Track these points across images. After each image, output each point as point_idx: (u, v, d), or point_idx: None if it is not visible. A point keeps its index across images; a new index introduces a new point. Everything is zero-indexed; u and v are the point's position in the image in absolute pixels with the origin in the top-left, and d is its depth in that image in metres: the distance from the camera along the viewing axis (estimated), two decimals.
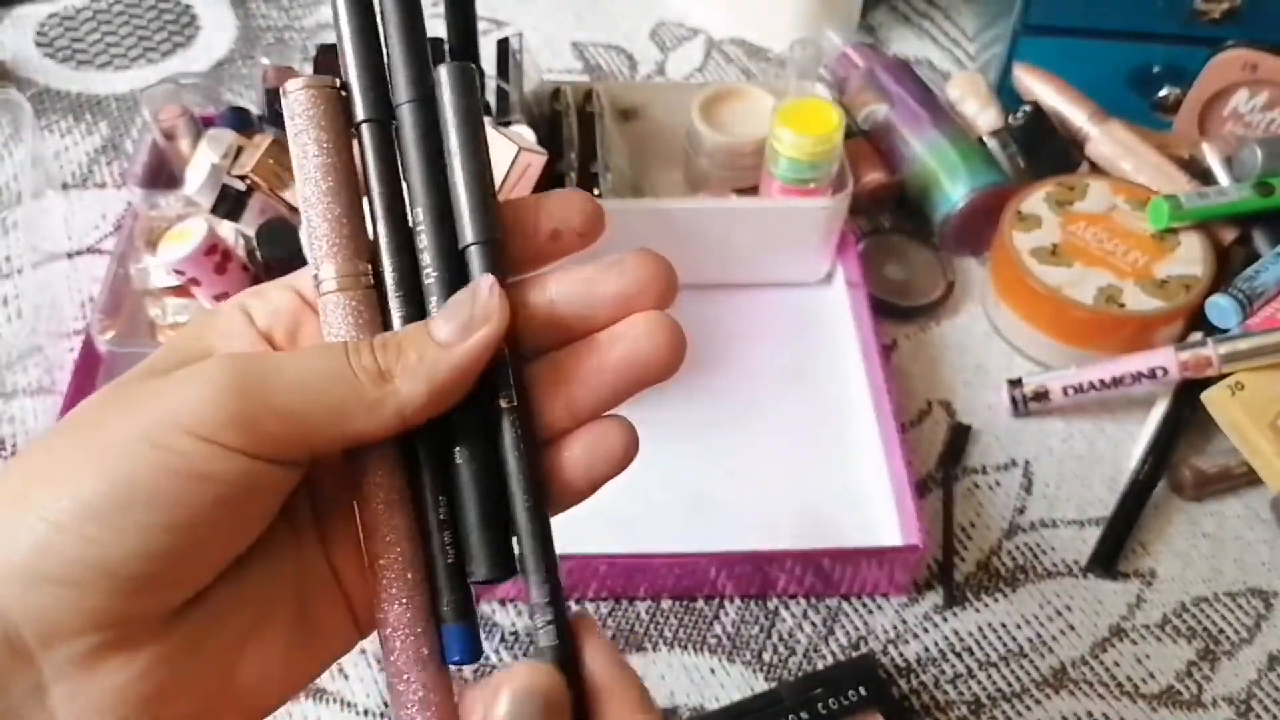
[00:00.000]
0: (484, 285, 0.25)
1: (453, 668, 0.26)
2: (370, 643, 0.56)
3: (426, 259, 0.26)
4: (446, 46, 0.79)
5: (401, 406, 0.24)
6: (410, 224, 0.26)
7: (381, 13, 0.26)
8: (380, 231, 0.26)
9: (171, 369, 0.24)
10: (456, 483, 0.26)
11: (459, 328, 0.24)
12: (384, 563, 0.25)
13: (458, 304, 0.25)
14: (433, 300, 0.26)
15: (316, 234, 0.26)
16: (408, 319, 0.26)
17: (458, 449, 0.26)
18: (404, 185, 0.26)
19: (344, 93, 0.26)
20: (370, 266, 0.26)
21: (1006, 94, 0.82)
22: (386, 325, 0.26)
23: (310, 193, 0.26)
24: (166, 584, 0.23)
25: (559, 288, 0.26)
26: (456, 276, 0.26)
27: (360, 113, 0.26)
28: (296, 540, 0.26)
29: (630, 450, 0.27)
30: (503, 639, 0.57)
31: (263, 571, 0.25)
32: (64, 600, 0.22)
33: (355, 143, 0.26)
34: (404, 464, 0.26)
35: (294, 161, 0.26)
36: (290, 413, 0.23)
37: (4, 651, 0.22)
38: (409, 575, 0.25)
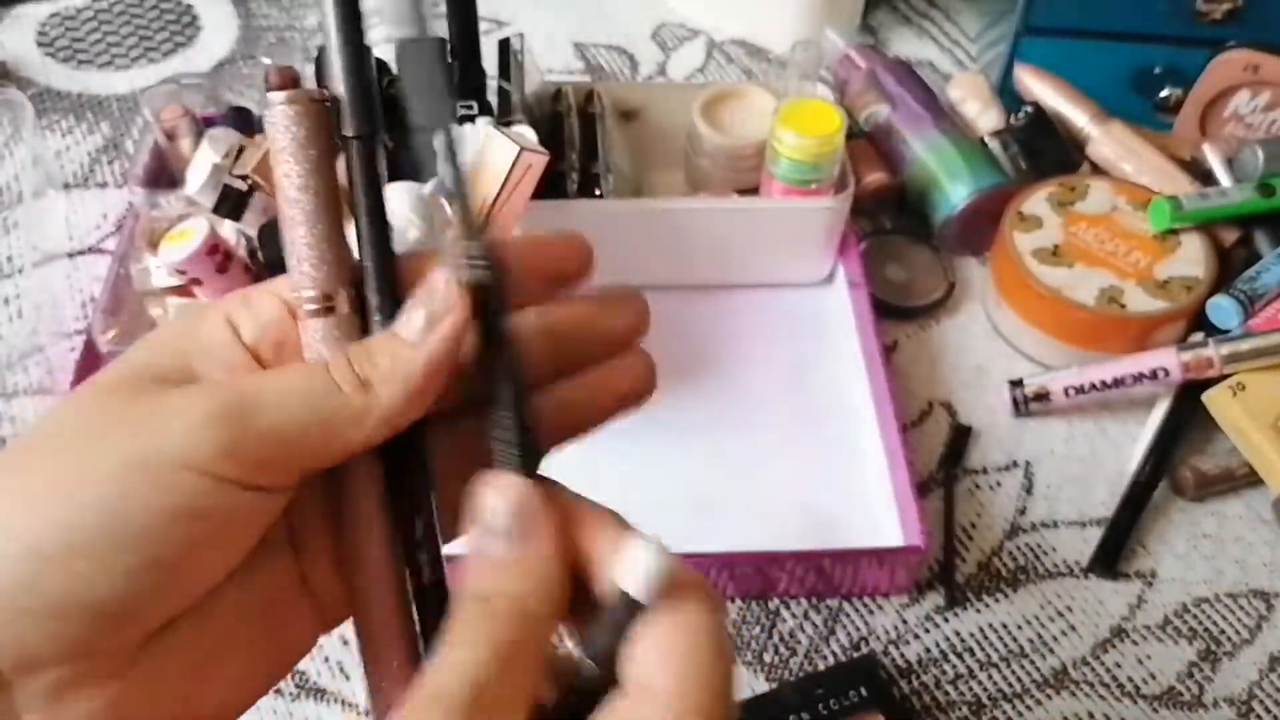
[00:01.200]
0: (439, 281, 0.25)
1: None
2: None
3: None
4: (448, 46, 0.79)
5: (385, 413, 0.24)
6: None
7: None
8: (363, 254, 0.26)
9: (153, 379, 0.24)
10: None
11: (423, 325, 0.25)
12: (368, 571, 0.26)
13: (417, 302, 0.25)
14: None
15: (298, 256, 0.25)
16: None
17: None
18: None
19: (328, 105, 0.26)
20: (353, 290, 0.26)
21: (1008, 95, 0.82)
22: None
23: (292, 213, 0.25)
24: (146, 616, 0.23)
25: (560, 319, 0.28)
26: None
27: (348, 128, 0.26)
28: (269, 552, 0.26)
29: None
30: None
31: (235, 589, 0.25)
32: (44, 633, 0.22)
33: (342, 157, 0.26)
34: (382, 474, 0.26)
35: (275, 178, 0.26)
36: (280, 437, 0.23)
37: None
38: (392, 581, 0.26)
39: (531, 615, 0.23)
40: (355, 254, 0.26)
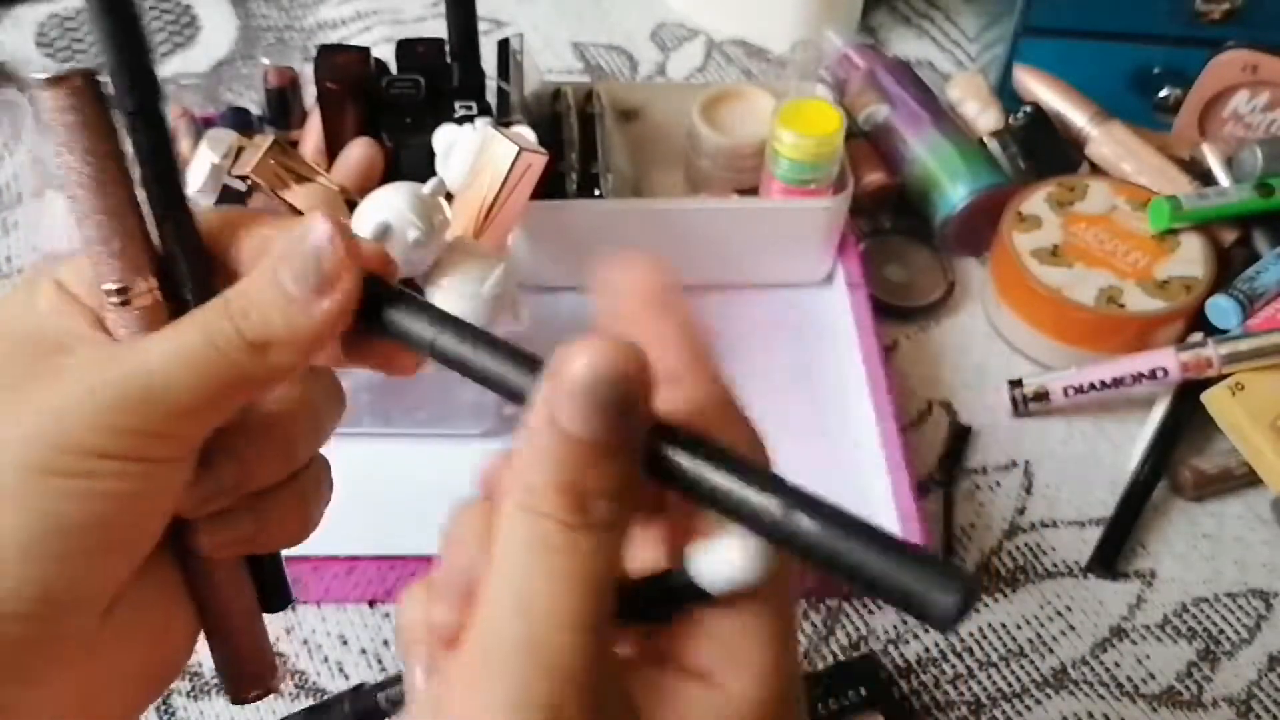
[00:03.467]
0: (315, 229, 0.23)
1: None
2: (370, 643, 0.56)
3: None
4: (448, 47, 0.79)
5: (287, 372, 0.24)
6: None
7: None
8: (162, 234, 0.24)
9: (23, 358, 0.23)
10: None
11: (314, 288, 0.23)
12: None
13: (303, 258, 0.23)
14: None
15: (92, 248, 0.24)
16: None
17: None
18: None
19: (97, 84, 0.23)
20: (156, 278, 0.24)
21: (1007, 95, 0.82)
22: None
23: (79, 206, 0.24)
24: (99, 595, 0.23)
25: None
26: None
27: (124, 104, 0.23)
28: (157, 558, 0.26)
29: None
30: None
31: (163, 563, 0.26)
32: (15, 637, 0.22)
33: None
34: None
35: (62, 171, 0.24)
36: (180, 412, 0.23)
37: None
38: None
39: (621, 532, 0.21)
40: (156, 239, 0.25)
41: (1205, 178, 0.74)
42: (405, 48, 0.70)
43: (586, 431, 0.20)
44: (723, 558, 0.20)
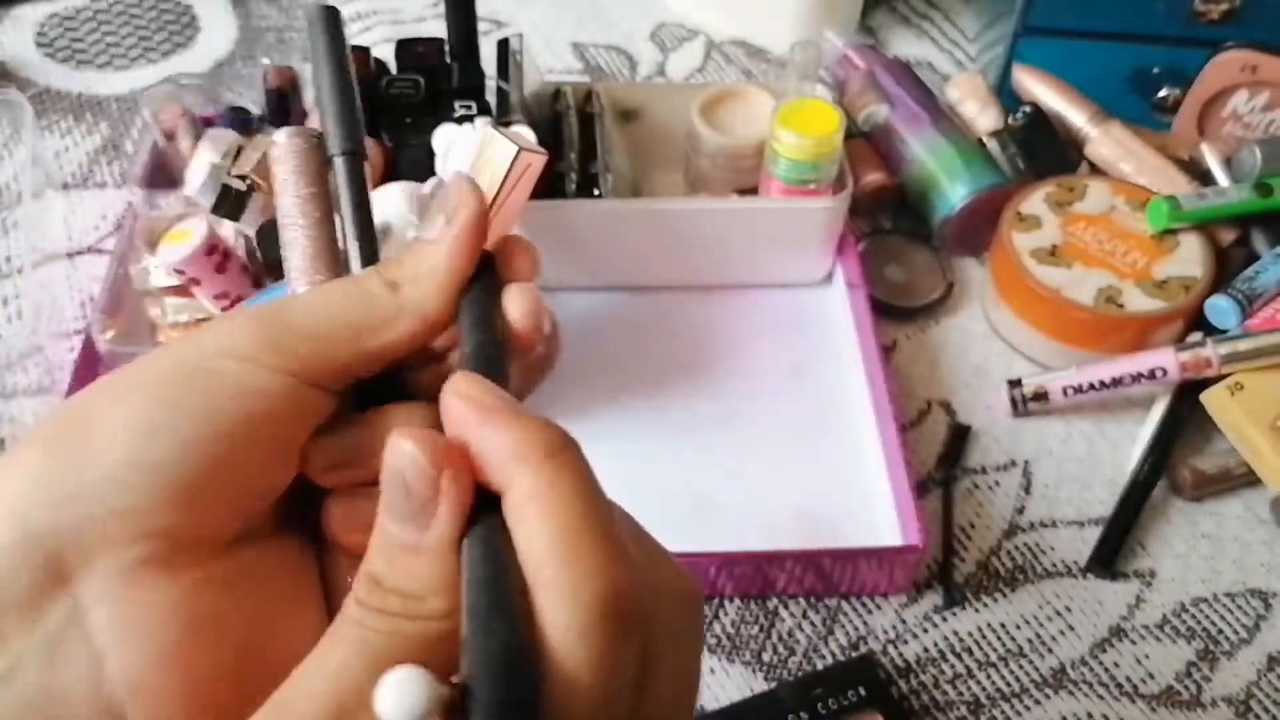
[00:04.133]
0: (450, 180, 0.27)
1: None
2: None
3: None
4: (448, 47, 0.79)
5: (418, 308, 0.26)
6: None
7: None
8: (353, 251, 0.29)
9: None
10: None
11: (441, 223, 0.27)
12: None
13: (435, 204, 0.27)
14: None
15: (297, 263, 0.29)
16: None
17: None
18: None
19: (319, 141, 0.30)
20: None
21: (1006, 95, 0.82)
22: None
23: (294, 230, 0.29)
24: (214, 500, 0.24)
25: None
26: None
27: (335, 147, 0.29)
28: (287, 532, 0.26)
29: None
30: None
31: (295, 547, 0.26)
32: (108, 506, 0.22)
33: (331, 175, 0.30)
34: None
35: (281, 202, 0.29)
36: (316, 334, 0.25)
37: (44, 575, 0.22)
38: None
39: (426, 622, 0.21)
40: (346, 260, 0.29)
41: (1204, 178, 0.74)
42: (405, 48, 0.70)
43: (388, 531, 0.22)
44: (380, 688, 0.19)
